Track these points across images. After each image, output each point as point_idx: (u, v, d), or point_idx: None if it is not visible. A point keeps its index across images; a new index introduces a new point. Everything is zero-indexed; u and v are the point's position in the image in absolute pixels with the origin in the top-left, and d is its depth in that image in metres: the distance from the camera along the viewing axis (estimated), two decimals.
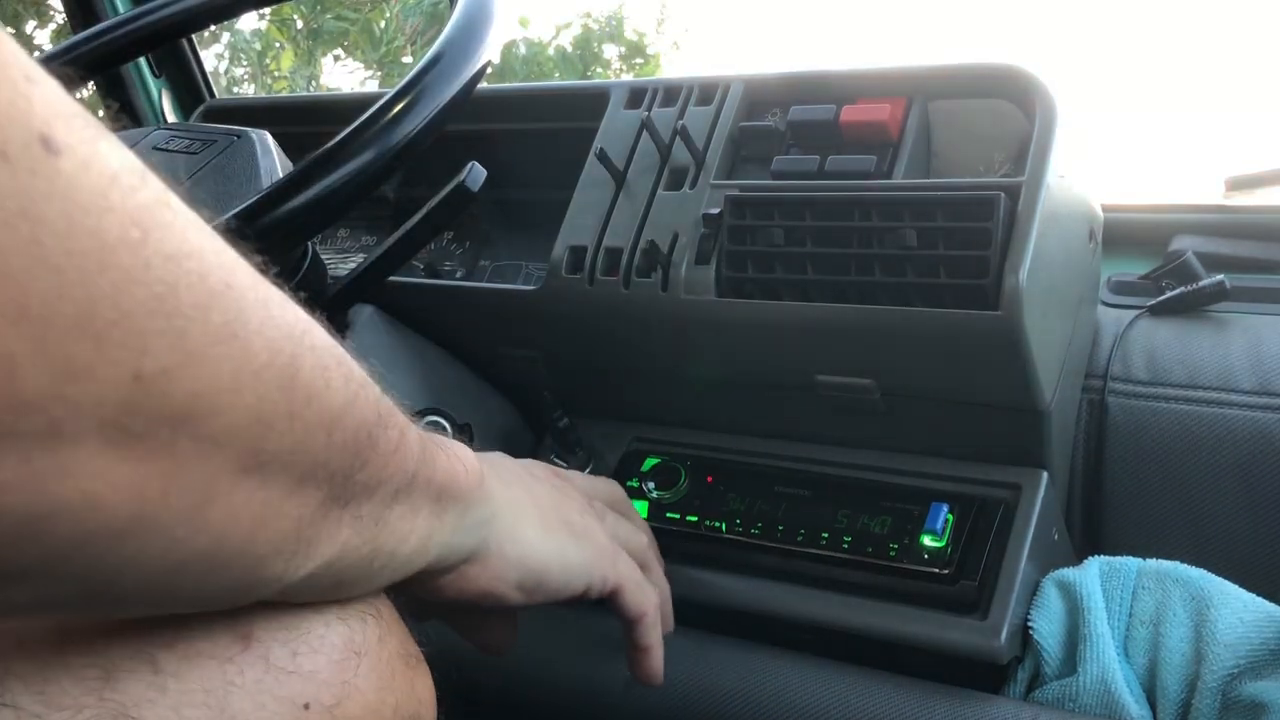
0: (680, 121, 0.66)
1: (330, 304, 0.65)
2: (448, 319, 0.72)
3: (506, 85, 0.78)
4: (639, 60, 3.27)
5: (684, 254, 0.63)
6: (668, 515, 0.66)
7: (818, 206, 0.60)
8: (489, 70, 0.58)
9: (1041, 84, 0.59)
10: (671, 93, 0.69)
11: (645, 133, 0.67)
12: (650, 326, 0.65)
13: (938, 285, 0.56)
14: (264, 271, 0.31)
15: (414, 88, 0.54)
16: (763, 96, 0.67)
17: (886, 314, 0.57)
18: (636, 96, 0.70)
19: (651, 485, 0.67)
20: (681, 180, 0.65)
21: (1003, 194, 0.55)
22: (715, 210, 0.62)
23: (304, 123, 0.89)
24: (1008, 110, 0.60)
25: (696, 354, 0.65)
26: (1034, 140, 0.57)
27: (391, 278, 0.66)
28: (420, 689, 0.41)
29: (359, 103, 0.83)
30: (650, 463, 0.69)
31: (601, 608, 0.66)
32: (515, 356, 0.71)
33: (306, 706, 0.35)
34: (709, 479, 0.67)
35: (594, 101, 0.71)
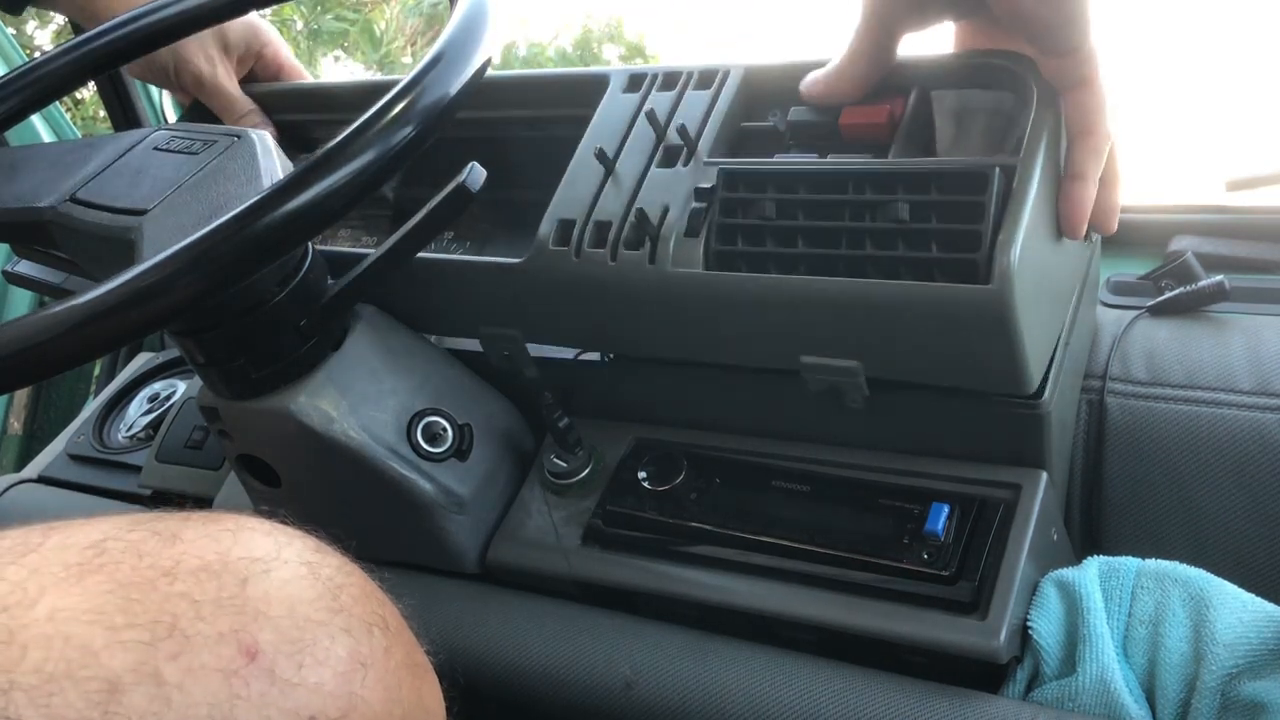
0: (677, 112, 0.66)
1: (330, 305, 0.65)
2: (430, 296, 0.71)
3: (504, 73, 0.77)
4: (639, 61, 3.27)
5: (674, 227, 0.62)
6: (668, 514, 0.66)
7: (811, 179, 0.59)
8: (489, 71, 0.58)
9: (1039, 70, 0.59)
10: (670, 79, 0.69)
11: (641, 116, 0.67)
12: (636, 300, 0.64)
13: (928, 259, 0.55)
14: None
15: (414, 88, 0.54)
16: (761, 85, 0.67)
17: (875, 287, 0.56)
18: (635, 82, 0.70)
19: (651, 485, 0.67)
20: (676, 159, 0.65)
21: (997, 169, 0.55)
22: (708, 184, 0.62)
23: (295, 111, 0.89)
24: (1011, 103, 0.60)
25: (682, 331, 0.64)
26: (1030, 120, 0.57)
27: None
28: (428, 698, 0.41)
29: (350, 92, 0.84)
30: (650, 463, 0.69)
31: (601, 606, 0.67)
32: (497, 336, 0.70)
33: (312, 719, 0.35)
34: (709, 478, 0.67)
35: (593, 88, 0.71)
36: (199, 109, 0.91)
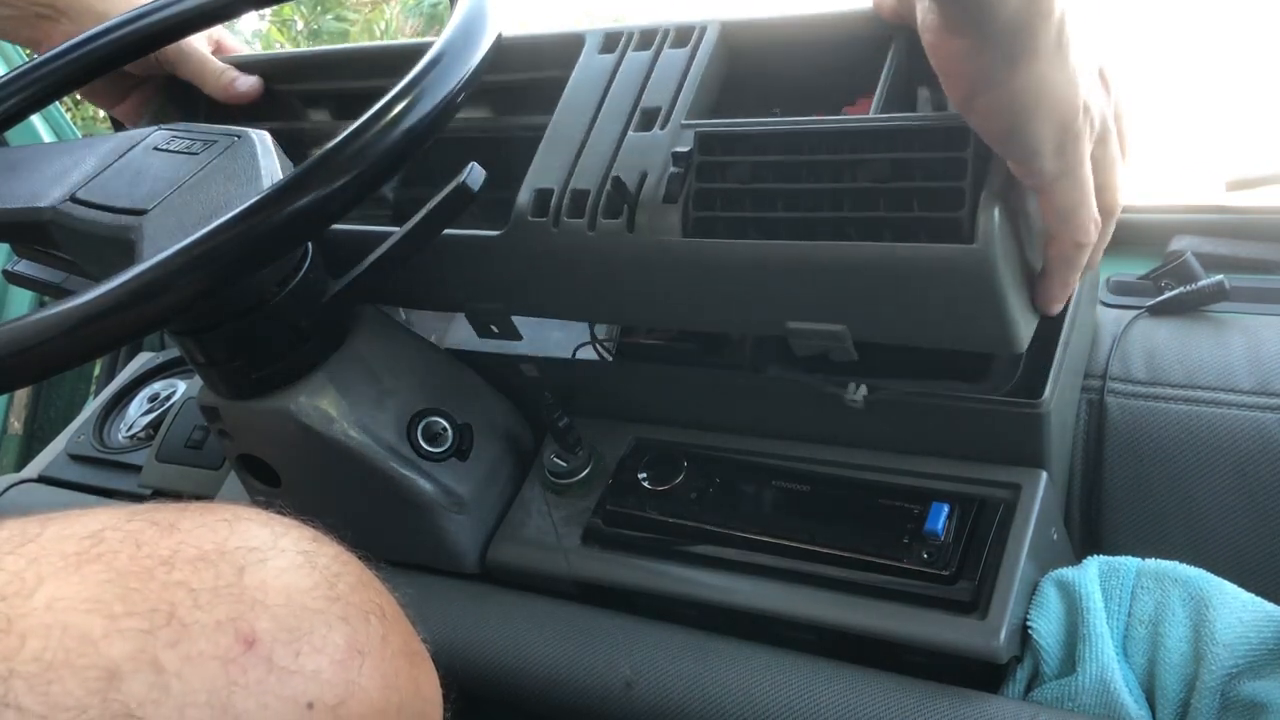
0: (654, 73, 0.65)
1: (330, 305, 0.65)
2: (413, 272, 0.70)
3: None
4: None
5: (652, 194, 0.61)
6: (668, 514, 0.66)
7: (789, 139, 0.58)
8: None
9: None
10: (646, 37, 0.67)
11: (617, 76, 0.66)
12: (617, 270, 0.63)
13: (910, 219, 0.54)
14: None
15: (414, 88, 0.54)
16: (740, 40, 0.66)
17: (857, 249, 0.55)
18: (611, 42, 0.68)
19: (651, 485, 0.68)
20: (652, 122, 0.64)
21: None
22: (685, 149, 0.60)
23: (272, 80, 0.88)
24: None
25: (664, 299, 0.63)
26: None
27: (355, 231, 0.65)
28: (425, 687, 0.42)
29: (321, 59, 0.83)
30: (650, 463, 0.69)
31: (601, 606, 0.67)
32: (481, 309, 0.70)
33: (310, 706, 0.36)
34: (709, 478, 0.67)
35: (569, 49, 0.70)
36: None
